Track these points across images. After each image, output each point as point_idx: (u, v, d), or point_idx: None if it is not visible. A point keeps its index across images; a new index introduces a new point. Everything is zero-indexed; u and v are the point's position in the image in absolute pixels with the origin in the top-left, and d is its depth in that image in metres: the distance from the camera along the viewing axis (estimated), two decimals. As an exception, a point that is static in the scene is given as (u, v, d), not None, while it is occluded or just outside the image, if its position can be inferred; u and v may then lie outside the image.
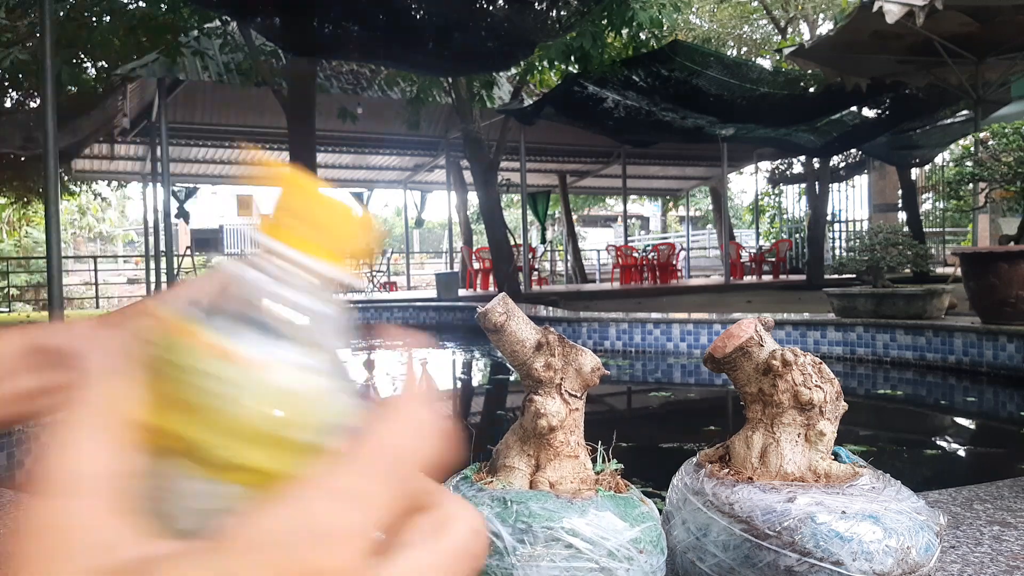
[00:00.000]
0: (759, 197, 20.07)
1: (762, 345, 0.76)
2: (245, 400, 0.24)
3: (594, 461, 0.80)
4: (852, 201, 18.44)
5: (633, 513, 0.67)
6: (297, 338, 0.26)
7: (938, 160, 16.15)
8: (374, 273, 15.77)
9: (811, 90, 9.86)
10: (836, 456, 0.75)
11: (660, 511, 0.76)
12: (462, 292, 11.97)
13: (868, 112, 11.34)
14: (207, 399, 0.24)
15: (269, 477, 0.25)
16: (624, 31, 9.60)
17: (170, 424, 0.25)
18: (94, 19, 9.12)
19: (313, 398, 0.26)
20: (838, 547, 0.64)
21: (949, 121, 12.39)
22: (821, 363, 0.76)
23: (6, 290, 17.68)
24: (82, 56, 9.97)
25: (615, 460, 0.81)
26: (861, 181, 17.73)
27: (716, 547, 0.70)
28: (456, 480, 0.77)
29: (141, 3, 9.20)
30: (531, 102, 11.17)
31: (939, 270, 10.64)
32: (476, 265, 13.98)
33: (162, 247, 11.20)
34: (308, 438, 0.25)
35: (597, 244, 27.43)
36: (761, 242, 18.92)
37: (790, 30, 20.32)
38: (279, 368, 0.25)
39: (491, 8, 6.81)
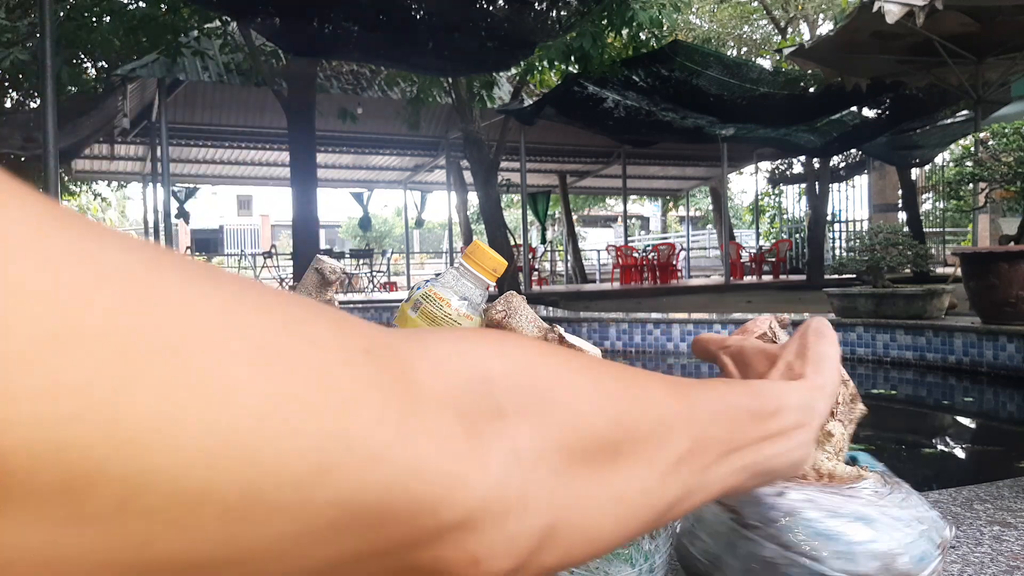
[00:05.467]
0: (759, 197, 20.08)
1: (775, 342, 0.76)
2: (463, 327, 0.64)
3: None
4: (852, 201, 18.44)
5: None
6: (473, 302, 0.69)
7: (938, 160, 16.15)
8: (374, 273, 15.77)
9: (811, 90, 9.87)
10: (854, 460, 0.74)
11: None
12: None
13: (868, 112, 11.35)
14: (447, 325, 0.65)
15: None
16: (624, 31, 9.60)
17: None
18: (94, 19, 9.12)
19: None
20: (821, 544, 0.63)
21: (949, 121, 12.38)
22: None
23: (6, 290, 17.68)
24: (82, 56, 9.97)
25: None
26: (861, 181, 17.73)
27: (706, 533, 0.70)
28: None
29: (141, 3, 9.20)
30: (531, 102, 11.17)
31: (939, 270, 10.65)
32: (476, 265, 13.97)
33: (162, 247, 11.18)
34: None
35: (597, 244, 27.43)
36: (761, 242, 18.93)
37: (790, 30, 20.32)
38: (469, 315, 0.68)
39: (491, 8, 6.81)
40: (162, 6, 8.79)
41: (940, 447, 3.11)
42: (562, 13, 7.15)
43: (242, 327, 0.18)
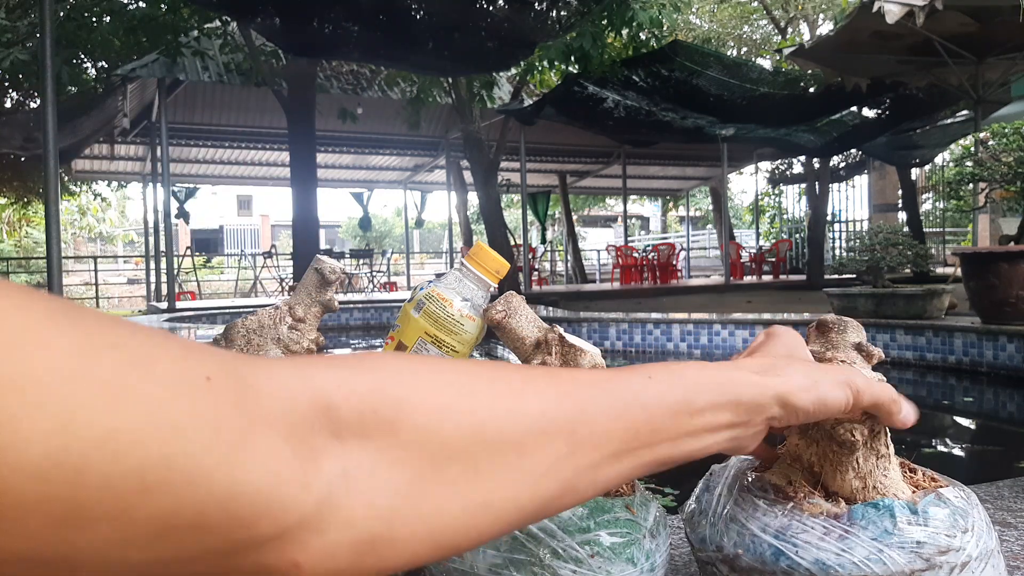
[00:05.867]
0: (759, 197, 20.07)
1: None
2: (466, 327, 0.67)
3: None
4: (852, 201, 18.44)
5: (600, 518, 0.66)
6: (475, 303, 0.68)
7: (938, 160, 16.15)
8: (374, 273, 15.77)
9: (811, 90, 9.86)
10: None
11: (668, 509, 0.76)
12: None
13: (868, 112, 11.34)
14: (450, 325, 0.67)
15: (461, 353, 0.67)
16: (624, 31, 9.59)
17: (436, 334, 0.68)
18: (94, 19, 9.12)
19: (479, 331, 0.69)
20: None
21: (949, 121, 12.38)
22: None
23: (6, 290, 17.63)
24: (82, 56, 9.96)
25: None
26: (861, 181, 17.73)
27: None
28: None
29: (141, 3, 9.20)
30: (531, 102, 11.17)
31: (939, 270, 10.65)
32: (476, 265, 13.97)
33: (162, 247, 11.20)
34: (473, 341, 0.68)
35: (597, 244, 27.42)
36: (761, 242, 18.92)
37: (790, 30, 20.32)
38: (471, 315, 0.68)
39: (491, 8, 6.81)
40: (162, 6, 8.79)
41: (940, 447, 3.11)
42: (562, 13, 7.15)
43: (90, 366, 0.21)
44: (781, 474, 0.67)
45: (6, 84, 10.53)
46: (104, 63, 10.26)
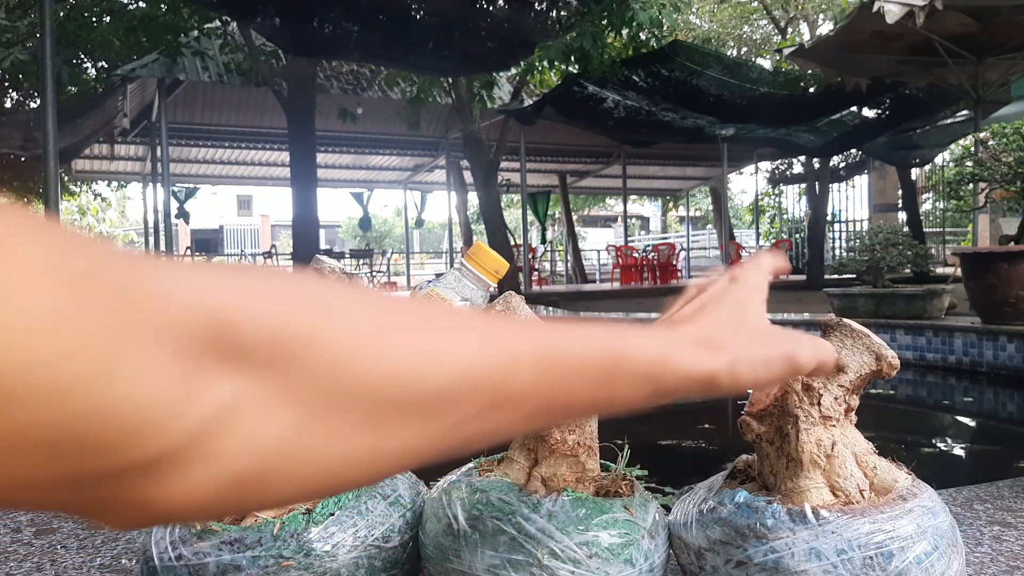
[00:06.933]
0: (759, 197, 20.07)
1: None
2: None
3: (613, 461, 0.80)
4: (852, 201, 18.43)
5: (598, 518, 0.67)
6: (475, 303, 0.73)
7: (938, 160, 16.15)
8: (374, 273, 15.77)
9: (811, 90, 9.86)
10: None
11: (668, 509, 0.76)
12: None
13: (868, 112, 11.34)
14: None
15: None
16: (624, 31, 9.59)
17: None
18: (94, 19, 9.12)
19: None
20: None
21: (949, 121, 12.38)
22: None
23: (6, 290, 17.65)
24: (82, 56, 9.97)
25: (638, 466, 0.82)
26: (861, 181, 17.73)
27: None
28: (466, 467, 0.77)
29: (141, 3, 9.20)
30: (531, 102, 11.17)
31: (939, 270, 10.64)
32: (476, 265, 13.98)
33: (162, 247, 11.21)
34: None
35: (597, 244, 27.42)
36: (761, 242, 18.92)
37: (790, 30, 20.31)
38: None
39: (491, 8, 6.81)
40: (162, 6, 8.79)
41: (940, 447, 3.10)
42: (562, 13, 7.15)
43: None
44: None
45: (6, 84, 10.53)
46: (104, 63, 10.27)
